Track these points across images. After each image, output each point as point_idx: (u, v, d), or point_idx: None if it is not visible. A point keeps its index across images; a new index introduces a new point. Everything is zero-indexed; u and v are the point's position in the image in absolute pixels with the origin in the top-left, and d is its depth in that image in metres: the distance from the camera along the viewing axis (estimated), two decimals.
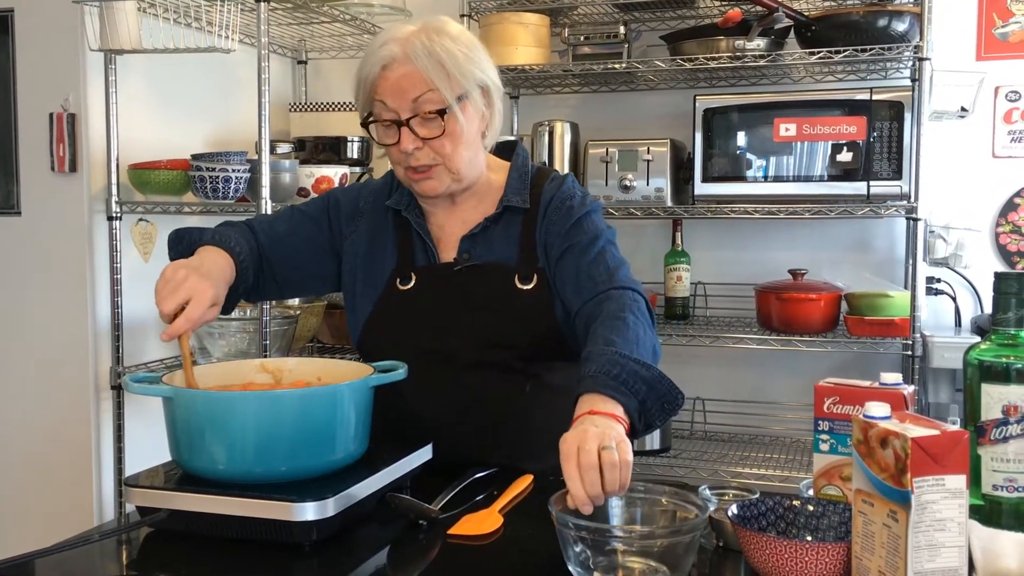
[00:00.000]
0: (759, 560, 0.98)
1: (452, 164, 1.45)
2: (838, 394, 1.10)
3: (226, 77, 2.76)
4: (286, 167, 2.44)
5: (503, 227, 1.51)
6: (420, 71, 1.40)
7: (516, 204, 1.51)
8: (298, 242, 1.56)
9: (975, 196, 2.72)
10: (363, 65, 1.45)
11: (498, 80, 1.51)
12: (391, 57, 1.41)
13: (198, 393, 1.19)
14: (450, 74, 1.40)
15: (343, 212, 1.59)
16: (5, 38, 2.36)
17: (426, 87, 1.40)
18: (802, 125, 2.52)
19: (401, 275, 1.51)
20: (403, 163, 1.46)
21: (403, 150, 1.43)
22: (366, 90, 1.45)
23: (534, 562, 1.10)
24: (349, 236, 1.57)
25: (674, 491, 1.06)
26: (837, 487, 1.11)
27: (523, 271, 1.48)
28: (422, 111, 1.41)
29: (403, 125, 1.42)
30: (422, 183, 1.47)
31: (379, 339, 1.51)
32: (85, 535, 1.15)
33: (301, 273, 1.59)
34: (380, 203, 1.58)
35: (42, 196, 2.34)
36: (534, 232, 1.50)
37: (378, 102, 1.43)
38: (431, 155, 1.44)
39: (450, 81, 1.41)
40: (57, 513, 2.35)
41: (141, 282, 2.45)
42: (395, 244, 1.54)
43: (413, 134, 1.42)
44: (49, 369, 2.35)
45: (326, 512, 1.10)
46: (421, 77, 1.40)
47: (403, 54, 1.41)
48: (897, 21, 2.43)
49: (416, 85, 1.40)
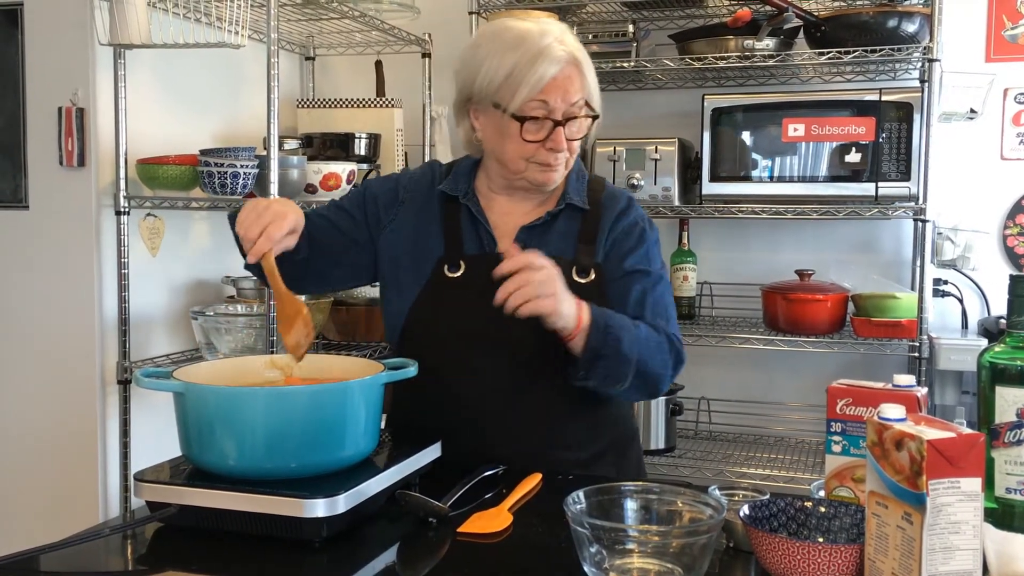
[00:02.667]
0: (771, 561, 0.98)
1: (571, 160, 1.54)
2: (851, 396, 1.10)
3: (235, 73, 2.76)
4: (294, 163, 2.44)
5: (562, 223, 1.56)
6: (580, 75, 1.48)
7: (577, 203, 1.56)
8: (334, 233, 1.58)
9: (983, 198, 2.72)
10: (532, 61, 1.46)
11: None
12: (563, 59, 1.46)
13: (209, 388, 1.19)
14: (590, 79, 1.51)
15: (380, 202, 1.61)
16: (15, 32, 2.36)
17: (582, 91, 1.49)
18: (810, 125, 2.52)
19: (449, 262, 1.53)
20: (546, 160, 1.50)
21: (557, 148, 1.48)
22: (531, 87, 1.46)
23: (544, 561, 1.10)
24: (388, 225, 1.59)
25: (690, 492, 1.06)
26: (849, 488, 1.11)
27: (581, 264, 1.52)
28: (575, 113, 1.48)
29: (560, 125, 1.48)
30: (548, 173, 1.51)
31: (426, 325, 1.52)
32: (95, 529, 1.15)
33: (337, 263, 1.60)
34: (423, 191, 1.61)
35: (50, 190, 2.34)
36: (595, 232, 1.55)
37: (538, 102, 1.46)
38: (564, 154, 1.51)
39: (592, 88, 1.51)
40: (62, 508, 2.35)
41: (148, 277, 2.46)
42: (441, 231, 1.56)
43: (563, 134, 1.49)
44: (56, 363, 2.35)
45: (336, 509, 1.10)
46: (581, 81, 1.49)
47: (573, 56, 1.48)
48: (907, 22, 2.42)
49: (577, 89, 1.48)
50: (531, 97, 1.46)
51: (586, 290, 1.49)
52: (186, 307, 2.55)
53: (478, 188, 1.60)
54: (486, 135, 1.54)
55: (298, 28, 2.92)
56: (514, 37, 1.48)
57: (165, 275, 2.53)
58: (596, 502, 1.04)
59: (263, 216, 1.36)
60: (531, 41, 1.47)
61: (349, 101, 2.93)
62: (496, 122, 1.51)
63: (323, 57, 3.19)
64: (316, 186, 2.49)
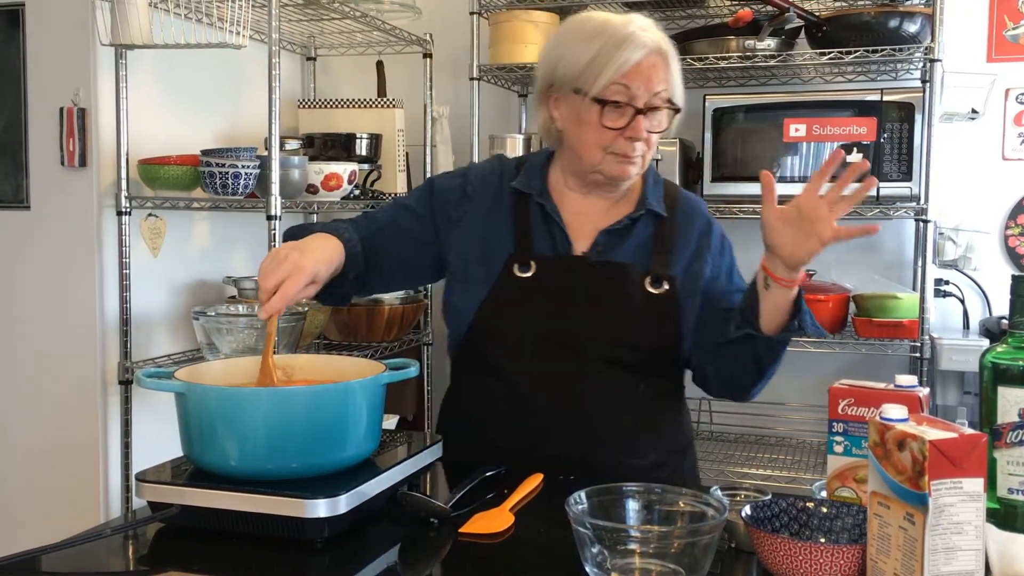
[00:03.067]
0: (773, 561, 0.98)
1: (648, 155, 1.50)
2: (853, 396, 1.10)
3: (236, 73, 2.76)
4: (295, 163, 2.44)
5: (640, 229, 1.54)
6: (665, 65, 1.46)
7: (657, 210, 1.54)
8: (396, 233, 1.57)
9: (985, 198, 2.71)
10: (617, 45, 1.43)
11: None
12: (652, 45, 1.44)
13: (211, 389, 1.19)
14: (675, 73, 1.48)
15: (449, 199, 1.58)
16: (16, 32, 2.36)
17: (666, 83, 1.46)
18: (812, 126, 2.52)
19: (520, 261, 1.50)
20: (614, 147, 1.46)
21: (636, 137, 1.45)
22: (615, 70, 1.43)
23: (546, 561, 1.10)
24: (458, 222, 1.56)
25: (692, 493, 1.06)
26: (851, 489, 1.11)
27: (656, 274, 1.50)
28: (658, 104, 1.45)
29: (641, 113, 1.44)
30: (625, 166, 1.48)
31: (493, 325, 1.51)
32: (96, 530, 1.15)
33: (401, 264, 1.59)
34: (491, 187, 1.58)
35: (52, 190, 2.34)
36: (672, 242, 1.53)
37: (620, 86, 1.43)
38: (643, 146, 1.47)
39: (677, 82, 1.48)
40: (63, 508, 2.35)
41: (150, 277, 2.46)
42: (511, 229, 1.53)
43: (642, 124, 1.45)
44: (57, 364, 2.35)
45: (338, 509, 1.10)
46: (666, 72, 1.46)
47: (658, 45, 1.45)
48: (908, 22, 2.42)
49: (661, 79, 1.45)
50: (613, 81, 1.43)
51: (660, 302, 1.49)
52: (187, 307, 2.55)
53: (551, 185, 1.57)
54: (565, 124, 1.51)
55: (299, 28, 2.92)
56: (599, 24, 1.47)
57: (166, 275, 2.53)
58: (598, 502, 1.04)
59: (279, 269, 1.31)
60: (616, 27, 1.45)
61: (350, 101, 2.93)
62: (576, 109, 1.48)
63: (324, 57, 3.19)
64: (317, 186, 2.49)
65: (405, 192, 2.92)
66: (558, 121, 1.52)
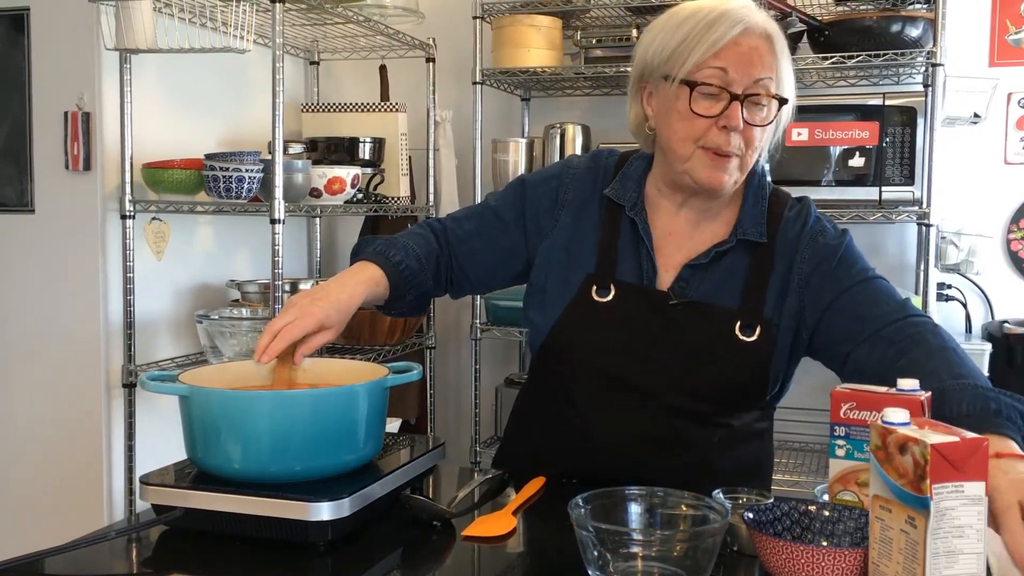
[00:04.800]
0: (775, 565, 0.98)
1: (747, 160, 1.32)
2: (855, 399, 1.10)
3: (239, 77, 2.77)
4: (299, 167, 2.45)
5: (731, 259, 1.36)
6: (771, 51, 1.28)
7: (752, 238, 1.35)
8: (484, 243, 1.47)
9: (987, 202, 2.72)
10: (710, 24, 1.27)
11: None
12: (752, 23, 1.27)
13: (214, 392, 1.19)
14: (784, 67, 1.31)
15: (541, 206, 1.45)
16: (21, 37, 2.37)
17: (771, 71, 1.28)
18: (814, 130, 2.52)
19: (599, 283, 1.37)
20: (706, 140, 1.29)
21: (732, 126, 1.27)
22: (707, 47, 1.26)
23: (548, 564, 1.10)
24: (549, 232, 1.44)
25: (694, 496, 1.06)
26: (853, 492, 1.11)
27: (747, 319, 1.32)
28: (762, 92, 1.27)
29: (737, 99, 1.27)
30: (716, 173, 1.30)
31: (564, 349, 1.39)
32: (100, 533, 1.15)
33: (489, 272, 1.50)
34: (586, 191, 1.44)
35: (56, 194, 2.35)
36: (768, 275, 1.34)
37: (714, 68, 1.27)
38: (739, 143, 1.29)
39: (785, 72, 1.31)
40: (67, 511, 2.36)
41: (154, 281, 2.46)
42: (596, 244, 1.39)
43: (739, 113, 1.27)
44: (61, 367, 2.35)
45: (341, 512, 1.10)
46: (771, 58, 1.28)
47: (762, 27, 1.28)
48: (910, 27, 2.42)
49: (765, 64, 1.27)
50: (704, 59, 1.26)
51: (750, 351, 1.32)
52: (191, 311, 2.55)
53: (647, 195, 1.41)
54: (656, 117, 1.35)
55: (303, 33, 2.93)
56: (691, 9, 1.31)
57: (170, 279, 2.54)
58: (600, 505, 1.04)
59: (286, 313, 1.26)
60: (711, 7, 1.29)
61: (353, 105, 2.94)
62: (665, 97, 1.31)
63: (327, 62, 3.20)
64: (321, 190, 2.50)
65: (408, 196, 2.92)
66: (651, 117, 1.37)
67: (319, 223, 3.17)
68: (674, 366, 1.34)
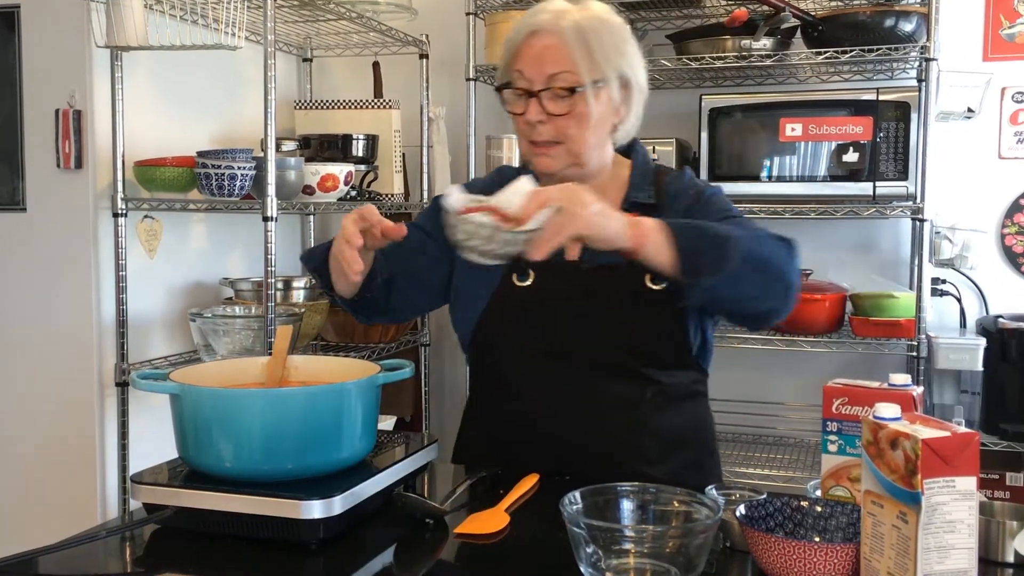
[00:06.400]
0: (767, 561, 0.98)
1: (574, 146, 1.43)
2: (847, 395, 1.10)
3: (232, 74, 2.76)
4: (291, 164, 2.44)
5: None
6: (564, 46, 1.39)
7: (642, 200, 1.48)
8: (410, 251, 1.52)
9: (981, 197, 2.72)
10: (511, 31, 1.45)
11: (644, 80, 1.49)
12: (541, 25, 1.41)
13: (206, 390, 1.19)
14: (592, 55, 1.39)
15: None
16: (11, 34, 2.36)
17: (565, 66, 1.39)
18: (808, 125, 2.52)
19: (518, 271, 1.47)
20: (527, 135, 1.45)
21: (527, 120, 1.42)
22: (509, 55, 1.44)
23: (541, 561, 1.10)
24: None
25: (686, 492, 1.06)
26: (845, 488, 1.11)
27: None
28: (555, 86, 1.39)
29: (533, 96, 1.41)
30: (540, 158, 1.45)
31: (495, 336, 1.48)
32: (92, 532, 1.15)
33: (417, 283, 1.55)
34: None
35: (47, 192, 2.34)
36: None
37: (516, 71, 1.42)
38: (554, 132, 1.42)
39: (591, 62, 1.40)
40: (60, 510, 2.35)
41: (146, 279, 2.45)
42: None
43: (540, 107, 1.41)
44: (53, 366, 2.35)
45: (333, 510, 1.10)
46: (564, 53, 1.39)
47: (554, 24, 1.40)
48: (904, 21, 2.42)
49: (557, 60, 1.39)
50: (508, 65, 1.44)
51: (664, 297, 1.40)
52: (184, 309, 2.55)
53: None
54: None
55: (295, 29, 2.92)
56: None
57: (163, 277, 2.53)
58: (592, 502, 1.04)
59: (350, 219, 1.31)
60: (523, 16, 1.45)
61: (347, 102, 2.93)
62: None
63: (320, 58, 3.19)
64: (314, 188, 2.49)
65: (402, 193, 2.92)
66: None
67: (312, 221, 3.16)
68: (597, 325, 1.44)
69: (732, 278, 1.27)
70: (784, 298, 1.36)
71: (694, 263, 1.24)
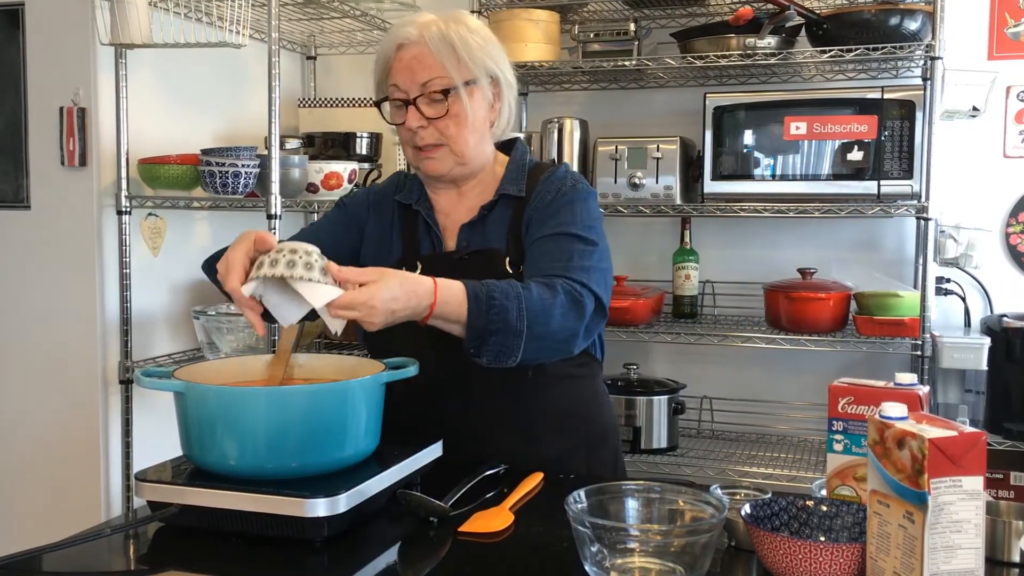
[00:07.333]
0: (772, 560, 0.98)
1: (456, 146, 1.52)
2: (853, 394, 1.10)
3: (236, 72, 2.76)
4: (295, 162, 2.44)
5: (498, 215, 1.56)
6: (431, 53, 1.47)
7: (511, 192, 1.56)
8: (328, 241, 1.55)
9: (986, 196, 2.71)
10: (380, 47, 1.54)
11: (511, 76, 1.58)
12: (406, 38, 1.50)
13: (210, 388, 1.19)
14: (460, 58, 1.48)
15: (359, 208, 1.65)
16: (16, 32, 2.36)
17: (435, 72, 1.48)
18: (812, 124, 2.51)
19: (407, 264, 1.54)
20: (411, 142, 1.53)
21: (408, 127, 1.50)
22: (382, 71, 1.53)
23: (545, 560, 1.09)
24: (366, 235, 1.63)
25: (691, 491, 1.06)
26: (851, 487, 1.11)
27: (513, 256, 1.52)
28: (429, 91, 1.48)
29: (410, 104, 1.49)
30: (426, 162, 1.53)
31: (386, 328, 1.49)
32: (96, 529, 1.15)
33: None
34: (386, 200, 1.65)
35: (52, 190, 2.34)
36: (523, 217, 1.54)
37: (391, 86, 1.51)
38: (436, 135, 1.51)
39: (459, 65, 1.48)
40: (64, 507, 2.35)
41: (150, 277, 2.46)
42: (400, 235, 1.60)
43: (419, 113, 1.49)
44: (58, 363, 2.35)
45: (337, 508, 1.10)
46: (432, 59, 1.47)
47: (418, 36, 1.49)
48: (909, 20, 2.42)
49: (427, 67, 1.48)
50: (382, 81, 1.53)
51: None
52: (188, 307, 2.55)
53: (428, 191, 1.62)
54: None
55: (299, 27, 2.92)
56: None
57: (167, 275, 2.53)
58: (597, 501, 1.04)
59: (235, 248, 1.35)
60: (389, 31, 1.54)
61: (350, 100, 2.93)
62: None
63: (324, 56, 3.19)
64: (318, 185, 2.49)
65: None
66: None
67: (316, 219, 3.16)
68: None
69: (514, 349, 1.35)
70: (565, 354, 1.45)
71: (480, 341, 1.33)
